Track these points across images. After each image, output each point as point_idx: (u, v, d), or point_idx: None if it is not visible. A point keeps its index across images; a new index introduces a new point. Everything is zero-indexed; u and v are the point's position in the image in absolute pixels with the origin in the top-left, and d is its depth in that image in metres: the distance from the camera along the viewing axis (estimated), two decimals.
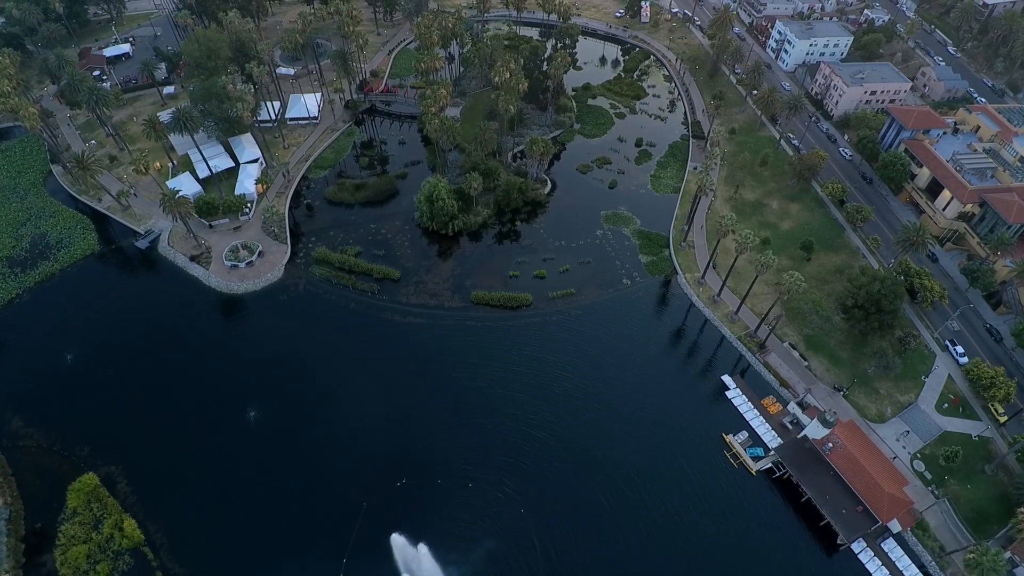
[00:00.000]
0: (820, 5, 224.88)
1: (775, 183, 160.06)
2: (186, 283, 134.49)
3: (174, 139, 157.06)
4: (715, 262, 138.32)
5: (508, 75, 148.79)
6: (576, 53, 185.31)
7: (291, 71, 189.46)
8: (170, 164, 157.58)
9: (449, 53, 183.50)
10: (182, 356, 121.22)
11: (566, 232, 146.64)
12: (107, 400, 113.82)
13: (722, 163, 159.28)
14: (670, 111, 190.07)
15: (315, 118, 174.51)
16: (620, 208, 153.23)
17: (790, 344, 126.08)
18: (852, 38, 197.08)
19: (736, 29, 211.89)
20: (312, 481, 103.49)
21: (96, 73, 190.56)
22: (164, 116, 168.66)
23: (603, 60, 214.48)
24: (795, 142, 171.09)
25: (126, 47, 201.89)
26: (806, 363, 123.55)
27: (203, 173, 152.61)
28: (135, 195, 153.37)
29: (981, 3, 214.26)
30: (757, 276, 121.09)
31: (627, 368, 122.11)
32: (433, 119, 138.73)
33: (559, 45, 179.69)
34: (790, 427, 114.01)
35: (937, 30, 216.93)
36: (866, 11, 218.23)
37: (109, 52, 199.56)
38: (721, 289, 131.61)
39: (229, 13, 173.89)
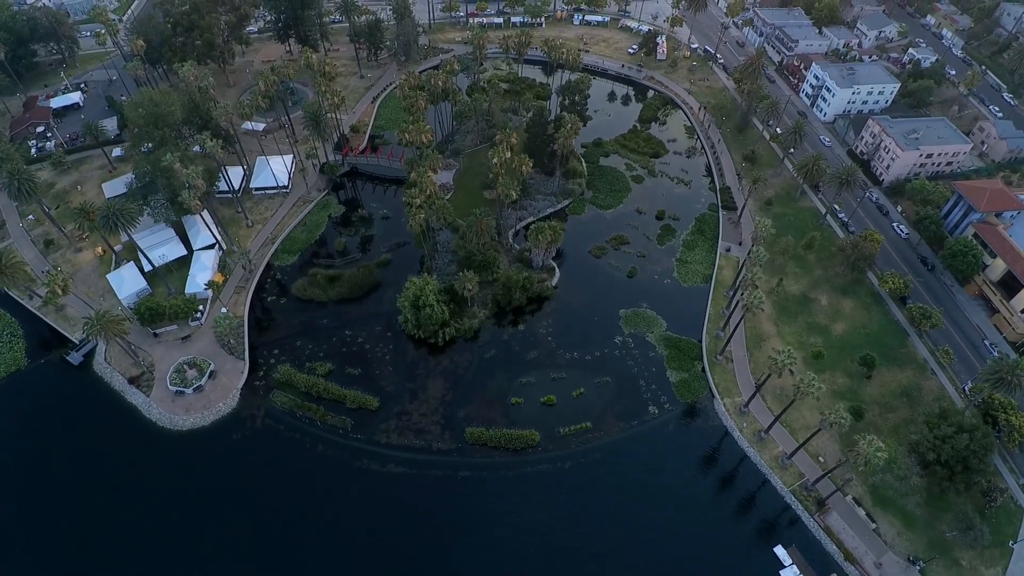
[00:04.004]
0: (857, 41, 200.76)
1: (822, 270, 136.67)
2: (122, 414, 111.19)
3: None
4: (758, 382, 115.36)
5: (509, 154, 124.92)
6: (587, 109, 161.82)
7: (259, 126, 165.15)
8: (113, 251, 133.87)
9: (445, 89, 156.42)
10: (112, 520, 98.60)
11: (578, 339, 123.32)
12: None
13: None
14: (689, 155, 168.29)
15: (285, 187, 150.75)
16: (642, 305, 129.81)
17: (854, 499, 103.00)
18: (899, 85, 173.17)
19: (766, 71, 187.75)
20: None
21: (40, 129, 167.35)
22: (109, 189, 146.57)
23: (614, 102, 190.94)
24: (843, 216, 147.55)
25: (76, 96, 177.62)
26: (874, 525, 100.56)
27: (150, 265, 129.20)
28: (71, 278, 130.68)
29: None
30: (820, 429, 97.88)
31: (656, 535, 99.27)
32: (417, 214, 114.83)
33: (567, 102, 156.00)
34: None
35: (989, 72, 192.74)
36: (910, 50, 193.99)
37: (57, 102, 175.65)
38: (771, 426, 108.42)
39: (185, 65, 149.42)
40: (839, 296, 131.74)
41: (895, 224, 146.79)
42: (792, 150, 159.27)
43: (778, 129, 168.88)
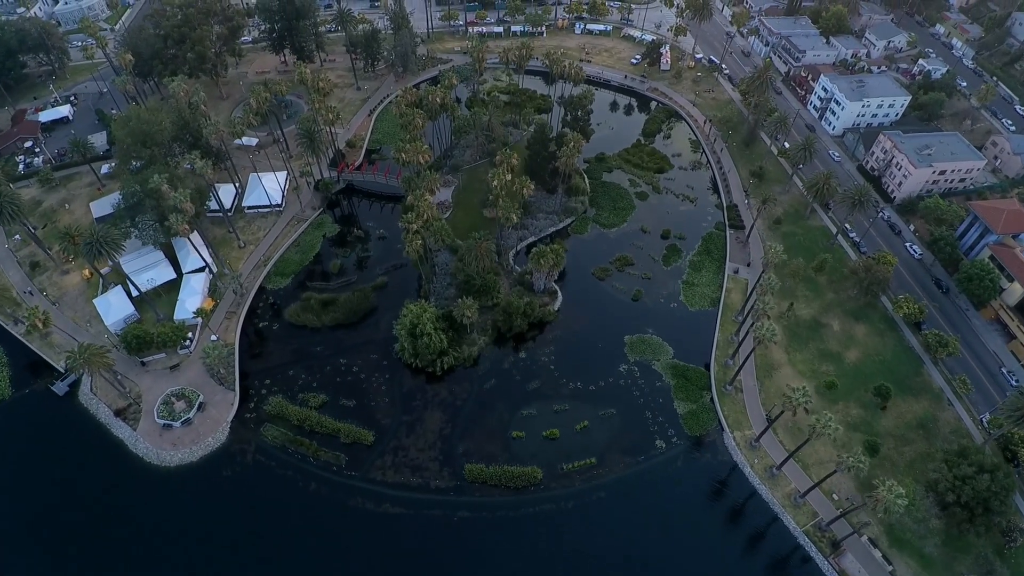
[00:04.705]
0: (866, 51, 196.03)
1: (834, 293, 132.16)
2: (108, 449, 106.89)
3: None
4: (770, 415, 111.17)
5: (509, 176, 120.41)
6: (589, 124, 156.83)
7: (252, 141, 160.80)
8: (100, 274, 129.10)
9: (443, 104, 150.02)
10: (95, 561, 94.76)
11: (582, 368, 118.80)
12: None
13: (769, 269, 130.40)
14: (695, 168, 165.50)
15: (278, 205, 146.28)
16: (648, 331, 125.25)
17: (869, 539, 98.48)
18: (910, 97, 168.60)
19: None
20: None
21: (28, 144, 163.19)
22: (97, 208, 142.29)
23: (617, 114, 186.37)
24: (854, 236, 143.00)
25: (65, 109, 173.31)
26: (890, 567, 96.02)
27: (139, 287, 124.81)
28: (56, 305, 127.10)
29: None
30: (836, 471, 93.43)
31: None
32: (414, 240, 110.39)
33: (569, 117, 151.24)
34: None
35: (1000, 83, 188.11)
36: (920, 61, 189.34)
37: (45, 116, 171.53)
38: (784, 462, 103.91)
39: (175, 80, 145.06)
40: (851, 321, 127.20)
41: (908, 244, 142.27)
42: (801, 166, 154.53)
43: (786, 144, 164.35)
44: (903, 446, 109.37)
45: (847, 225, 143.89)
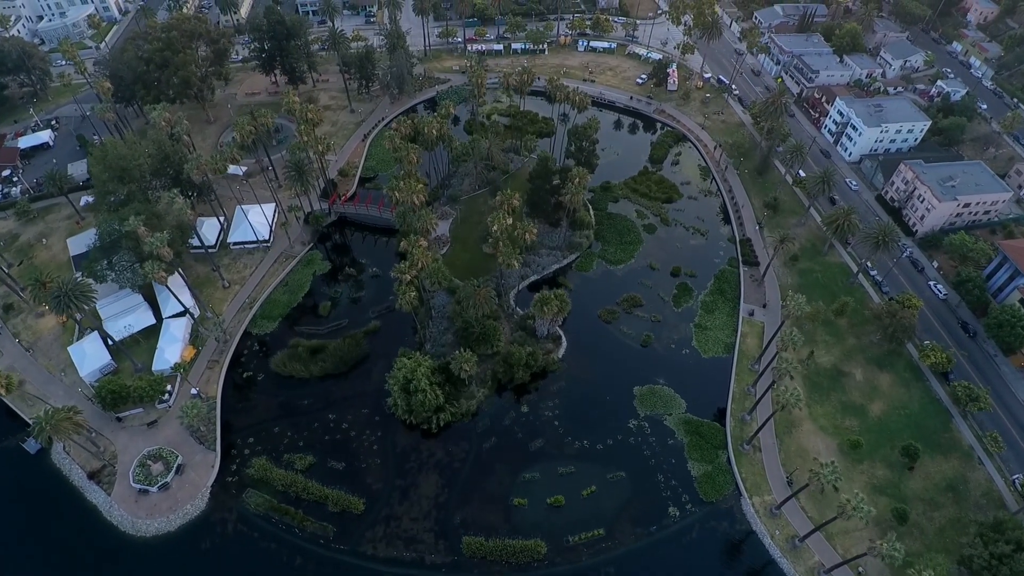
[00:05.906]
0: (881, 71, 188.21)
1: (855, 338, 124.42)
2: (81, 516, 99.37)
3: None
4: (790, 477, 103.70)
5: (511, 220, 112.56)
6: (595, 154, 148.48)
7: (240, 170, 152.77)
8: (75, 320, 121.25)
9: (440, 135, 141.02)
10: None
11: (588, 424, 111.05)
12: None
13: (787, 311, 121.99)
14: (705, 195, 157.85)
15: (266, 241, 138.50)
16: (658, 381, 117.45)
17: None
18: (929, 122, 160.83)
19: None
20: None
21: (6, 173, 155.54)
22: (74, 245, 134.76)
23: (622, 137, 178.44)
24: (875, 274, 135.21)
25: (46, 135, 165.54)
26: None
27: (114, 338, 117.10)
28: (29, 352, 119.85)
29: None
30: (866, 554, 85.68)
31: None
32: (408, 291, 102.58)
33: (573, 148, 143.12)
34: None
35: (1021, 104, 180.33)
36: (939, 82, 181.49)
37: (25, 142, 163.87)
38: (809, 535, 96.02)
39: (156, 108, 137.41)
40: (875, 369, 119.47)
41: (932, 283, 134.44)
42: (818, 197, 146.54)
43: (801, 172, 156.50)
44: (932, 511, 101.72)
45: (868, 263, 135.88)
